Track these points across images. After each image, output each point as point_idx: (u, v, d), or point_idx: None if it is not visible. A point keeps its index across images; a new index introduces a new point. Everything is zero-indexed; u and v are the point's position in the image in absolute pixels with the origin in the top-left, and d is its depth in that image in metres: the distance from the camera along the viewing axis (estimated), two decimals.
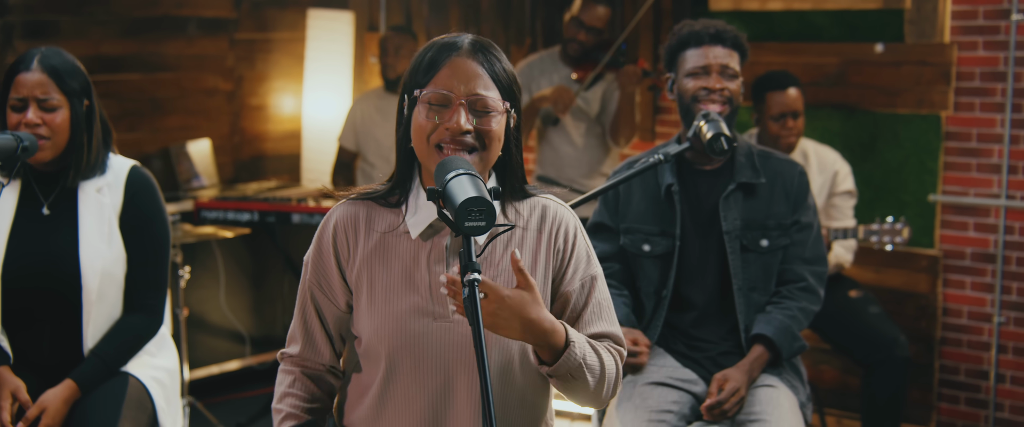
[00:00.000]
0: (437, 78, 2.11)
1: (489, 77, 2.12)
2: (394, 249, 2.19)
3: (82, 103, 2.96)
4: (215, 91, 5.96)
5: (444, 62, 2.11)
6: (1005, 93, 4.56)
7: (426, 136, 2.11)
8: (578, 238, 2.24)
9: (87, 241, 2.94)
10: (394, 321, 2.16)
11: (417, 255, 2.18)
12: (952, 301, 4.77)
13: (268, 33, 6.19)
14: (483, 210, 1.88)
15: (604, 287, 2.26)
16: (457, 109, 2.09)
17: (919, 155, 4.77)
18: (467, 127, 2.08)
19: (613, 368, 2.19)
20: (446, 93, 2.10)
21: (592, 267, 2.25)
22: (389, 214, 2.22)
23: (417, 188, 2.20)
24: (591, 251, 2.26)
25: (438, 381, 2.16)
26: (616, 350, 2.23)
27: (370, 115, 5.60)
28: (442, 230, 2.18)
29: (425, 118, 2.11)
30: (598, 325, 2.22)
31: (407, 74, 2.17)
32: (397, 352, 2.17)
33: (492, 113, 2.12)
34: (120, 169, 3.04)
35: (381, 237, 2.20)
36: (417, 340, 2.16)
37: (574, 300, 2.22)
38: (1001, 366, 4.67)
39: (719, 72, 3.15)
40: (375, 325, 2.17)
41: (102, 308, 2.96)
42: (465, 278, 1.90)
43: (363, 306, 2.20)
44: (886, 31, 4.83)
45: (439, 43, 2.15)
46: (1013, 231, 4.60)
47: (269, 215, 5.12)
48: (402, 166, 2.21)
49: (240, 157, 6.08)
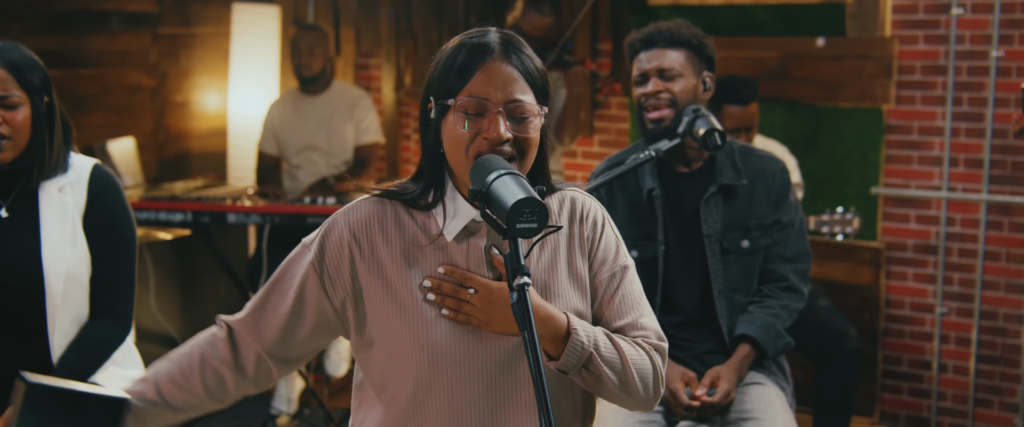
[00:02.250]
0: (472, 84, 2.01)
1: (524, 80, 2.03)
2: (428, 252, 2.09)
3: (43, 99, 2.80)
4: (138, 88, 5.77)
5: (478, 67, 2.01)
6: (946, 86, 4.61)
7: (465, 148, 2.00)
8: (606, 228, 2.17)
9: (50, 243, 2.78)
10: (431, 326, 2.06)
11: (453, 258, 2.08)
12: (894, 293, 4.82)
13: (192, 28, 6.01)
14: (535, 211, 1.80)
15: (635, 279, 2.18)
16: (495, 118, 1.99)
17: (861, 148, 4.81)
18: (507, 136, 1.99)
19: (644, 362, 2.08)
20: (483, 100, 2.00)
21: (621, 258, 2.16)
22: (420, 216, 2.11)
23: (452, 191, 2.10)
24: (620, 242, 2.18)
25: (481, 388, 2.07)
26: (650, 344, 2.12)
27: (288, 117, 5.47)
28: (477, 232, 2.09)
29: (462, 128, 2.00)
30: (628, 316, 2.13)
31: (434, 77, 2.06)
32: (438, 356, 2.05)
33: (529, 118, 2.02)
34: (82, 168, 2.89)
35: (413, 238, 2.10)
36: (458, 345, 2.06)
37: (603, 291, 2.14)
38: (943, 356, 4.73)
39: (656, 76, 3.09)
40: (410, 330, 2.06)
41: (67, 312, 2.81)
42: (515, 282, 1.82)
43: (387, 309, 2.07)
44: (827, 25, 4.85)
45: (469, 45, 2.04)
46: (954, 223, 4.67)
47: (203, 215, 4.96)
48: (432, 169, 2.10)
49: (165, 155, 5.89)
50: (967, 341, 4.67)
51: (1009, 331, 4.57)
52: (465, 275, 2.04)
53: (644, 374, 2.08)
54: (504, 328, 2.02)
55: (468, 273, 2.05)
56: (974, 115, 4.58)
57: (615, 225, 2.20)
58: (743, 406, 2.97)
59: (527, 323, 1.81)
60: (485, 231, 2.08)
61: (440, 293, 2.05)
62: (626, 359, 2.06)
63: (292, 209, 4.91)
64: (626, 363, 2.05)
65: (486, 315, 2.02)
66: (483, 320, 2.02)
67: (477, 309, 2.02)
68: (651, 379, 2.09)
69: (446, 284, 2.05)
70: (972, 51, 4.55)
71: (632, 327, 2.13)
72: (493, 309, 2.01)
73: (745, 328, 3.07)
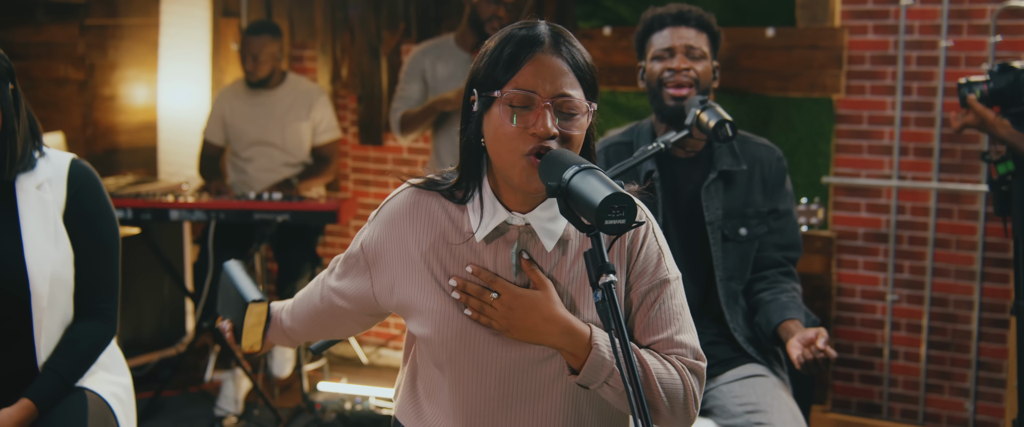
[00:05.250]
0: (519, 76, 1.94)
1: (574, 74, 1.97)
2: (458, 249, 2.05)
3: (7, 86, 2.66)
4: (66, 81, 5.57)
5: (526, 59, 1.94)
6: (895, 76, 4.66)
7: (509, 142, 1.94)
8: (650, 238, 2.08)
9: (32, 243, 2.62)
10: (451, 323, 2.03)
11: (481, 258, 2.03)
12: (845, 281, 4.86)
13: (120, 19, 5.82)
14: (624, 207, 1.74)
15: (680, 294, 2.10)
16: (542, 111, 1.93)
17: (812, 138, 4.83)
18: (554, 131, 1.92)
19: (674, 381, 2.01)
20: (531, 93, 1.93)
21: (663, 271, 2.07)
22: (454, 210, 2.06)
23: (486, 187, 2.04)
24: (665, 253, 2.10)
25: (496, 391, 2.04)
26: (686, 362, 2.05)
27: (238, 108, 5.35)
28: (506, 233, 2.03)
29: (508, 122, 1.93)
30: (664, 333, 2.05)
31: (479, 69, 1.99)
32: (457, 354, 2.04)
33: (577, 115, 1.96)
34: (60, 163, 2.74)
35: (442, 233, 2.06)
36: (477, 345, 2.03)
37: (638, 305, 2.07)
38: (894, 343, 4.78)
39: (684, 53, 3.09)
40: (433, 325, 2.05)
41: (54, 314, 2.66)
42: (600, 280, 1.76)
43: (413, 301, 2.07)
44: (777, 15, 4.87)
45: (517, 36, 1.97)
46: (904, 211, 4.72)
47: (144, 212, 4.80)
48: (470, 163, 2.04)
49: (94, 151, 5.70)
50: (918, 328, 4.73)
51: (959, 317, 4.64)
52: (491, 278, 2.01)
53: (673, 393, 2.01)
54: (524, 336, 1.98)
55: (495, 277, 2.01)
56: (924, 104, 4.63)
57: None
58: (749, 398, 2.96)
59: (616, 323, 1.76)
60: (515, 235, 2.03)
61: (465, 293, 2.01)
62: (651, 376, 1.99)
63: (238, 205, 4.78)
64: (651, 380, 1.98)
65: (507, 320, 1.98)
66: (504, 325, 1.99)
67: (498, 314, 1.99)
68: (681, 398, 2.02)
69: (471, 285, 2.01)
70: (921, 41, 4.60)
71: (667, 344, 2.06)
72: (514, 315, 1.97)
73: (785, 313, 3.05)
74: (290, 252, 5.19)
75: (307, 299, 2.33)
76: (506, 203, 2.03)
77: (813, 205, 4.24)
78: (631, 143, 3.18)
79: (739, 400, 2.96)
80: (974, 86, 3.45)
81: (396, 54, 5.83)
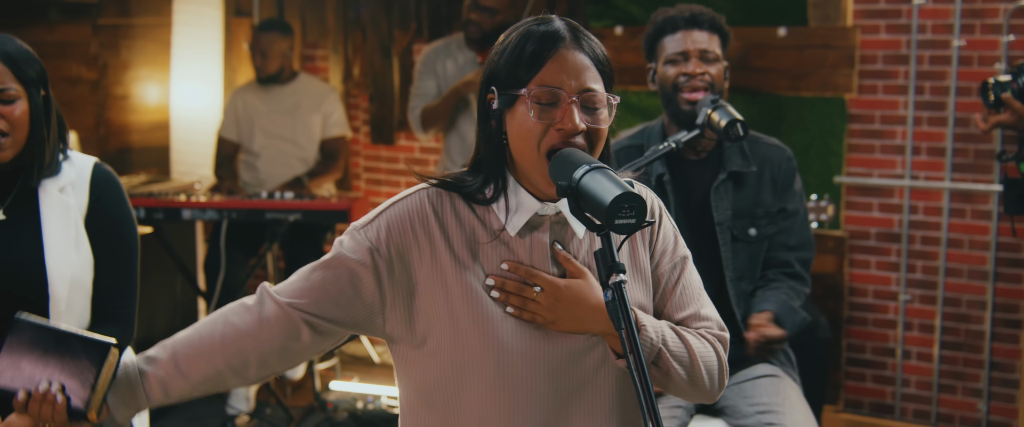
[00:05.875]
0: (544, 73, 1.92)
1: (595, 68, 1.96)
2: (487, 249, 2.00)
3: (40, 93, 2.65)
4: (79, 80, 5.58)
5: (549, 55, 1.92)
6: (907, 75, 4.65)
7: (536, 140, 1.91)
8: (665, 219, 2.11)
9: (53, 246, 2.62)
10: (497, 324, 1.97)
11: (516, 254, 2.00)
12: (858, 281, 4.85)
13: (132, 19, 5.83)
14: (635, 206, 1.74)
15: (694, 269, 2.13)
16: (569, 108, 1.91)
17: (824, 137, 4.82)
18: (582, 127, 1.91)
19: (709, 353, 2.04)
20: (557, 89, 1.91)
21: (681, 248, 2.11)
22: (479, 209, 2.02)
23: (514, 184, 2.00)
24: (677, 232, 2.13)
25: (546, 387, 1.99)
26: (714, 335, 2.08)
27: (253, 106, 5.37)
28: (540, 226, 2.00)
29: (534, 119, 1.91)
30: (691, 307, 2.08)
31: (499, 66, 1.96)
32: (505, 355, 1.97)
33: (601, 108, 1.95)
34: (83, 167, 2.73)
35: (472, 233, 2.01)
36: (525, 343, 1.98)
37: (664, 283, 2.08)
38: (907, 343, 4.77)
39: (698, 57, 3.09)
40: (476, 328, 1.97)
41: (71, 319, 2.66)
42: (611, 280, 1.76)
43: (447, 307, 1.97)
44: (789, 15, 4.86)
45: (537, 32, 1.95)
46: (917, 211, 4.70)
47: (157, 212, 4.81)
48: (493, 162, 2.00)
49: (107, 150, 5.71)
50: (930, 328, 4.72)
51: (972, 317, 4.63)
52: (530, 272, 1.97)
53: (710, 366, 2.04)
54: (571, 326, 1.96)
55: (533, 270, 1.98)
56: (936, 104, 4.62)
57: None
58: (761, 399, 2.95)
59: (626, 321, 1.76)
60: (547, 226, 2.01)
61: (504, 291, 1.97)
62: (693, 352, 2.01)
63: (250, 204, 4.78)
64: (693, 356, 2.01)
65: (553, 313, 1.95)
66: (549, 318, 1.96)
67: (543, 307, 1.95)
68: (716, 370, 2.06)
69: (510, 282, 1.97)
70: (934, 40, 4.59)
71: (695, 318, 2.08)
72: (560, 307, 1.95)
73: (761, 306, 3.06)
74: (299, 248, 5.20)
75: (225, 330, 2.07)
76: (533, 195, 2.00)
77: (823, 201, 4.23)
78: (642, 146, 3.18)
79: (751, 401, 2.96)
80: (1004, 86, 3.35)
81: (408, 53, 5.83)
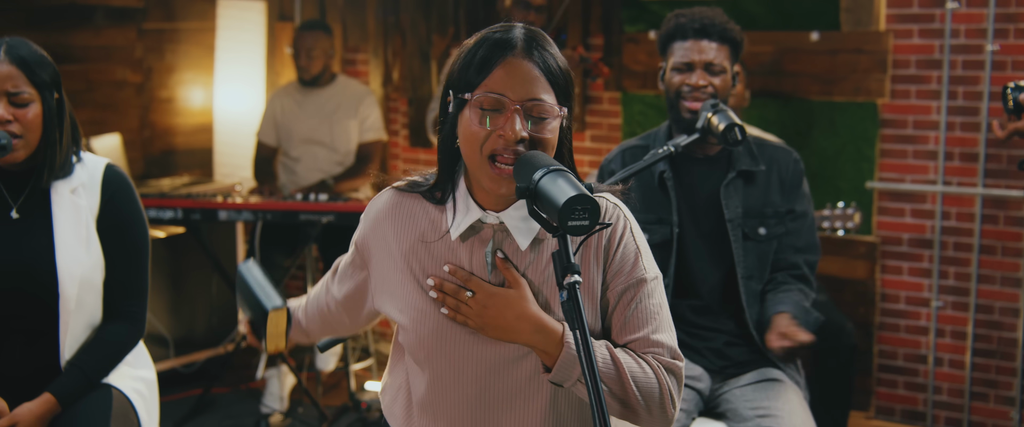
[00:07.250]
0: (490, 80, 1.96)
1: (545, 78, 1.98)
2: (435, 248, 2.09)
3: (53, 96, 2.74)
4: (124, 83, 5.71)
5: (498, 62, 1.97)
6: (940, 80, 4.61)
7: (479, 145, 1.96)
8: (627, 237, 2.08)
9: (64, 246, 2.71)
10: (429, 321, 2.08)
11: (457, 256, 2.07)
12: (890, 287, 4.82)
13: (177, 23, 5.95)
14: (587, 208, 1.77)
15: (658, 293, 2.09)
16: (511, 115, 1.95)
17: (856, 142, 4.80)
18: (523, 134, 1.94)
19: (649, 379, 2.00)
20: (500, 97, 1.96)
21: (639, 270, 2.07)
22: (433, 210, 2.12)
23: (462, 187, 2.08)
24: (643, 252, 2.09)
25: (473, 390, 2.08)
26: (662, 361, 2.04)
27: (290, 109, 5.45)
28: (480, 232, 2.07)
29: (477, 124, 1.96)
30: (640, 331, 2.05)
31: (454, 70, 2.03)
32: (434, 353, 2.09)
33: (548, 119, 1.98)
34: (94, 168, 2.82)
35: (422, 234, 2.11)
36: (454, 345, 2.08)
37: (615, 304, 2.07)
38: (939, 350, 4.73)
39: (703, 68, 3.12)
40: (411, 324, 2.10)
41: (80, 317, 2.74)
42: (565, 281, 1.80)
43: (393, 300, 2.14)
44: (821, 19, 4.84)
45: (491, 39, 2.00)
46: (949, 217, 4.66)
47: (194, 212, 4.90)
48: (445, 164, 2.09)
49: (151, 152, 5.84)
50: (963, 335, 4.67)
51: (1005, 324, 4.58)
52: (466, 277, 2.04)
53: (648, 391, 2.01)
54: (498, 334, 2.01)
55: (470, 275, 2.05)
56: (969, 109, 4.58)
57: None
58: (762, 403, 2.96)
59: (579, 323, 1.78)
60: (490, 232, 2.06)
61: (442, 292, 2.05)
62: (624, 375, 1.99)
63: (284, 206, 4.86)
64: (624, 379, 1.98)
65: (481, 319, 2.01)
66: (478, 323, 2.02)
67: (473, 312, 2.01)
68: (657, 397, 2.02)
69: (448, 284, 2.05)
70: (967, 45, 4.55)
71: (644, 343, 2.05)
72: (487, 313, 2.00)
73: (776, 308, 3.06)
74: (337, 249, 5.26)
75: (316, 299, 2.43)
76: (481, 202, 2.06)
77: (849, 209, 4.21)
78: (647, 147, 3.22)
79: (751, 404, 2.97)
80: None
81: (446, 58, 5.88)
